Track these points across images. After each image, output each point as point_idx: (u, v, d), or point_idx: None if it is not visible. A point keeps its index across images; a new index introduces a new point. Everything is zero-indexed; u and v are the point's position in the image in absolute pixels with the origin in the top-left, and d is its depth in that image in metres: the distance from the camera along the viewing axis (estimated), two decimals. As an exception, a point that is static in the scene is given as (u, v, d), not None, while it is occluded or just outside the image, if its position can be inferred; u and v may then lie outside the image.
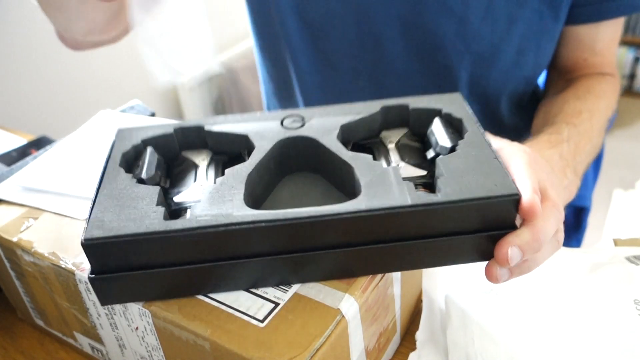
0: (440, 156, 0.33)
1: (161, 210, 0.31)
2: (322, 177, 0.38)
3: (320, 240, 0.30)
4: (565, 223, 0.97)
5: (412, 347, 0.39)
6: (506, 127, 0.71)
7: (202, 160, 0.39)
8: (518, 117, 0.72)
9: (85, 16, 0.49)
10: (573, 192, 0.49)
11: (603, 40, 0.65)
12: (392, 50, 0.64)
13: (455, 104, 0.38)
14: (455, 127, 0.37)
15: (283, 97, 0.79)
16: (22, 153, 0.57)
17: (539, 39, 0.63)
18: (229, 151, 0.38)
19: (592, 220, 0.90)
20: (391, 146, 0.38)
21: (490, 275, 0.32)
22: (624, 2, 0.61)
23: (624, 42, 2.30)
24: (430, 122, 0.38)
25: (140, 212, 0.31)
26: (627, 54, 2.33)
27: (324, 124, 0.37)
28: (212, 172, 0.38)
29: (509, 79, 0.65)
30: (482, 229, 0.31)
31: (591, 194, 0.88)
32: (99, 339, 0.40)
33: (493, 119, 0.69)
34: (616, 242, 0.47)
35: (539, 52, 0.64)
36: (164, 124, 0.39)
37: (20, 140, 0.63)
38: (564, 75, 0.69)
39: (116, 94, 1.38)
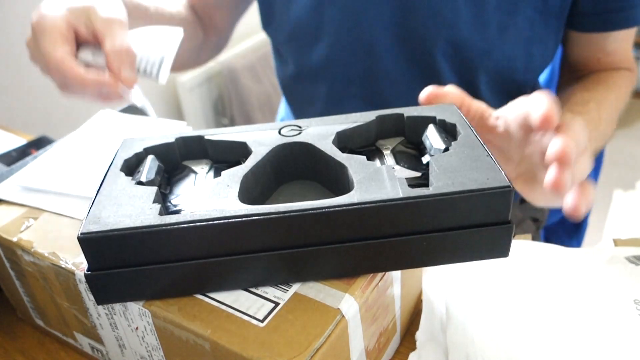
0: (434, 156, 0.34)
1: (157, 207, 0.31)
2: (319, 184, 0.38)
3: (315, 235, 0.31)
4: (566, 223, 0.97)
5: (412, 347, 0.39)
6: None
7: (201, 168, 0.39)
8: None
9: None
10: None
11: (615, 41, 0.64)
12: (384, 56, 0.64)
13: (449, 111, 0.39)
14: (449, 132, 0.37)
15: (291, 103, 0.80)
16: (22, 153, 0.57)
17: (529, 46, 0.63)
18: (228, 159, 0.39)
19: (592, 220, 0.90)
20: (387, 152, 0.39)
21: (557, 185, 0.32)
22: (633, 14, 0.60)
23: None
24: (425, 129, 0.38)
25: (136, 209, 0.31)
26: (627, 54, 2.33)
27: (320, 131, 0.38)
28: (211, 177, 0.38)
29: (500, 83, 0.65)
30: (476, 224, 0.31)
31: (591, 194, 0.87)
32: (99, 339, 0.40)
33: None
34: (616, 242, 0.47)
35: (529, 58, 0.64)
36: (166, 134, 0.40)
37: (20, 140, 0.63)
38: (577, 73, 0.69)
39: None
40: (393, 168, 0.33)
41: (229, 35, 0.81)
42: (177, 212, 0.33)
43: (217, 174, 0.36)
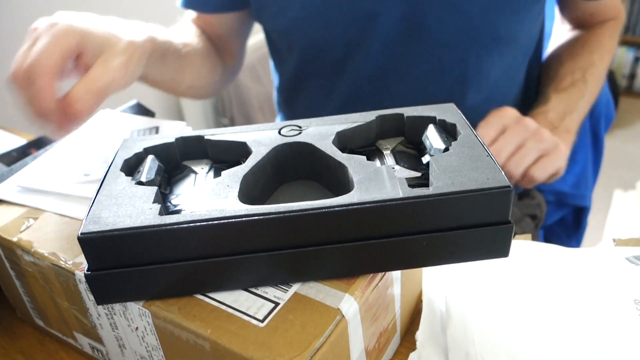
0: (434, 156, 0.34)
1: (157, 207, 0.31)
2: (319, 184, 0.38)
3: (314, 235, 0.31)
4: (565, 223, 0.98)
5: (412, 347, 0.39)
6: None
7: (201, 168, 0.39)
8: (521, 101, 0.74)
9: None
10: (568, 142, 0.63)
11: (605, 1, 0.71)
12: (397, 52, 0.64)
13: (449, 112, 0.39)
14: (449, 132, 0.37)
15: (289, 106, 0.80)
16: (22, 153, 0.57)
17: (529, 22, 0.66)
18: (228, 159, 0.39)
19: (592, 220, 0.90)
20: (387, 152, 0.39)
21: None
22: None
23: (624, 42, 2.30)
24: (425, 129, 0.38)
25: (137, 209, 0.31)
26: (627, 54, 2.34)
27: (321, 131, 0.38)
28: (211, 177, 0.38)
29: (504, 62, 0.67)
30: (476, 224, 0.31)
31: (591, 194, 0.88)
32: (99, 339, 0.40)
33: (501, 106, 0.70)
34: (616, 242, 0.47)
35: (528, 34, 0.67)
36: (166, 134, 0.40)
37: (20, 140, 0.63)
38: (573, 27, 0.77)
39: (116, 94, 1.38)
40: (393, 168, 0.33)
41: (243, 57, 0.83)
42: (177, 212, 0.33)
43: (217, 174, 0.36)
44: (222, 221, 0.30)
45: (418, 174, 0.35)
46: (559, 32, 0.79)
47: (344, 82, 0.69)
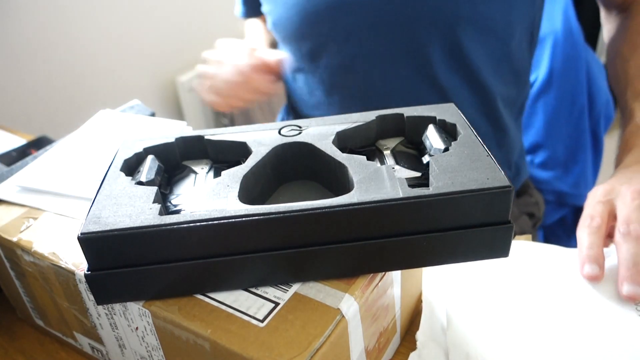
0: (434, 156, 0.34)
1: (157, 207, 0.31)
2: (319, 184, 0.38)
3: (314, 235, 0.31)
4: (565, 223, 0.97)
5: (412, 347, 0.39)
6: (493, 96, 0.70)
7: (201, 168, 0.39)
8: (510, 87, 0.72)
9: None
10: None
11: None
12: (365, 40, 0.65)
13: (449, 112, 0.39)
14: (449, 132, 0.37)
15: (290, 103, 0.82)
16: (22, 153, 0.57)
17: (504, 5, 0.63)
18: (228, 159, 0.39)
19: (592, 221, 0.89)
20: (387, 152, 0.39)
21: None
22: None
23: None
24: (425, 129, 0.38)
25: (136, 209, 0.31)
26: (627, 54, 2.33)
27: (321, 131, 0.38)
28: (211, 177, 0.38)
29: (482, 44, 0.66)
30: (476, 224, 0.31)
31: (591, 194, 0.88)
32: (99, 339, 0.40)
33: (479, 89, 0.69)
34: (616, 242, 0.47)
35: (505, 20, 0.65)
36: (166, 134, 0.40)
37: (20, 140, 0.63)
38: (614, 8, 0.70)
39: (116, 94, 1.38)
40: (393, 168, 0.33)
41: None
42: (177, 212, 0.33)
43: (217, 174, 0.36)
44: (222, 221, 0.30)
45: (418, 174, 0.35)
46: (606, 22, 0.74)
47: (322, 73, 0.70)
